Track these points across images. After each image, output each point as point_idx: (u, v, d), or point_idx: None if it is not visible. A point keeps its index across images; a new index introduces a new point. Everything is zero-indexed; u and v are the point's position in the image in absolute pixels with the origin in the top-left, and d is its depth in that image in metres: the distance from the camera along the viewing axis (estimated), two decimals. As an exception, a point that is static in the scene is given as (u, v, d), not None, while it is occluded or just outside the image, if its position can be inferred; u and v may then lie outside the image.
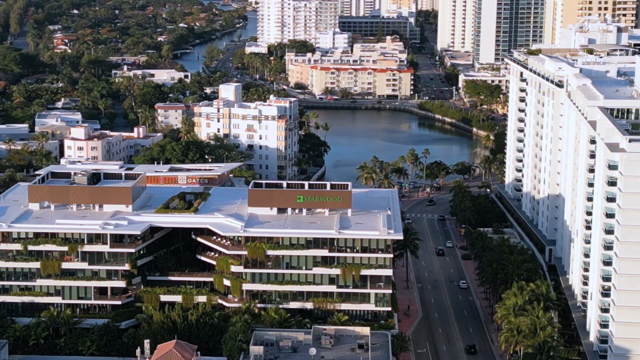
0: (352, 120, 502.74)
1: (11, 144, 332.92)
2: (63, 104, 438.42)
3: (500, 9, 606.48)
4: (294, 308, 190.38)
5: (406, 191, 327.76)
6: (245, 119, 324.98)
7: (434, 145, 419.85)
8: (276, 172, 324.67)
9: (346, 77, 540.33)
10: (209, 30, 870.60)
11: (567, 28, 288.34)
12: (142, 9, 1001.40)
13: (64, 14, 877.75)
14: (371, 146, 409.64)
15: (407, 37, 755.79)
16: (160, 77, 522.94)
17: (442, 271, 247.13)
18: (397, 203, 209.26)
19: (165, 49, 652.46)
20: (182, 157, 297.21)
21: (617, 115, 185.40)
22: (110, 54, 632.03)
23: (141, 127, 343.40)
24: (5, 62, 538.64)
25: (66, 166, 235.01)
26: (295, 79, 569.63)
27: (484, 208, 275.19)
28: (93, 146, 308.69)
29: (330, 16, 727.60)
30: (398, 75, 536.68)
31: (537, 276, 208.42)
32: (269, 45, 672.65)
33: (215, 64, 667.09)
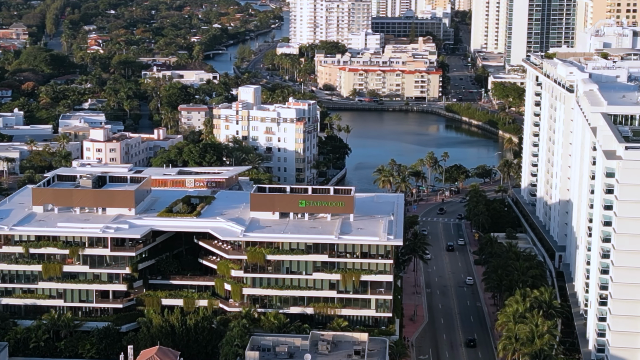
0: (378, 122, 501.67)
1: (32, 145, 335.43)
2: (90, 105, 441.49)
3: (532, 10, 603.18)
4: (295, 313, 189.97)
5: (424, 194, 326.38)
6: (263, 121, 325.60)
7: (458, 148, 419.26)
8: (294, 174, 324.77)
9: (374, 78, 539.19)
10: (243, 30, 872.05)
11: (584, 32, 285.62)
12: (179, 10, 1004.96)
13: (99, 15, 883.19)
14: (395, 148, 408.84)
15: (440, 38, 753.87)
16: (189, 78, 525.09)
17: (453, 276, 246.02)
18: (401, 208, 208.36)
19: (196, 50, 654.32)
20: (199, 160, 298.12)
21: (621, 121, 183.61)
22: (142, 55, 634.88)
23: (161, 129, 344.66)
24: (36, 63, 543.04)
25: (75, 169, 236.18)
26: (324, 80, 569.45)
27: (498, 213, 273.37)
28: (111, 148, 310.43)
29: (362, 17, 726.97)
30: (427, 77, 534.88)
31: (543, 283, 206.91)
32: (300, 46, 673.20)
33: (247, 65, 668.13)
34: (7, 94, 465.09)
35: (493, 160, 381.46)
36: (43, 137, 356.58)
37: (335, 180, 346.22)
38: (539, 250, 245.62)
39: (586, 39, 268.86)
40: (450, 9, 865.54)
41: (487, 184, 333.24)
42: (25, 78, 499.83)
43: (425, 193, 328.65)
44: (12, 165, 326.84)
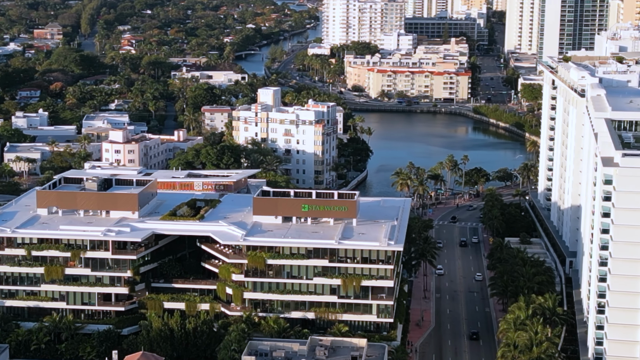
0: (406, 123, 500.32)
1: (54, 146, 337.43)
2: (116, 106, 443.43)
3: (564, 11, 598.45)
4: (296, 318, 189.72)
5: (444, 197, 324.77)
6: (282, 123, 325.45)
7: (484, 151, 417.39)
8: (313, 177, 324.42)
9: (403, 79, 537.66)
10: (277, 31, 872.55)
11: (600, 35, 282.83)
12: (215, 10, 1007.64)
13: (134, 15, 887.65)
14: (420, 150, 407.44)
15: (474, 39, 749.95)
16: (217, 79, 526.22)
17: (464, 281, 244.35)
18: (406, 213, 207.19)
19: (226, 51, 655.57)
20: (216, 162, 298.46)
21: (625, 127, 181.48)
22: (173, 55, 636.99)
23: (181, 131, 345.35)
24: (66, 63, 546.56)
25: (85, 171, 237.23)
26: (353, 81, 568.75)
27: (513, 217, 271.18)
28: (130, 149, 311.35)
29: (395, 17, 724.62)
30: (455, 78, 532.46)
31: (549, 289, 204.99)
32: (331, 46, 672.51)
33: (278, 66, 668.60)
34: (35, 94, 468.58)
35: (517, 163, 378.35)
36: (66, 138, 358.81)
37: (355, 182, 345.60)
38: (551, 255, 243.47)
39: (602, 42, 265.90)
40: (486, 9, 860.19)
41: (508, 188, 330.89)
42: (55, 78, 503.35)
43: (444, 196, 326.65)
44: (33, 166, 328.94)
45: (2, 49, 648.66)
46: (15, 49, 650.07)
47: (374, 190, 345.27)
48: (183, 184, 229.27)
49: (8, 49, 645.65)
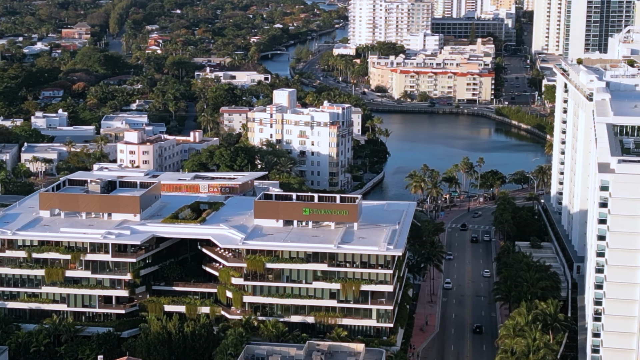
0: (428, 124, 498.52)
1: (71, 146, 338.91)
2: (137, 106, 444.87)
3: (590, 12, 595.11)
4: (296, 322, 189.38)
5: (459, 200, 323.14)
6: (297, 125, 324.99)
7: (504, 153, 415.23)
8: (327, 179, 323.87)
9: (426, 80, 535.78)
10: (305, 30, 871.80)
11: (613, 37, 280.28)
12: (245, 9, 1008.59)
13: (163, 14, 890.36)
14: (439, 152, 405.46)
15: (501, 39, 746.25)
16: (240, 79, 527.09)
17: (472, 285, 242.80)
18: (410, 217, 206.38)
19: (251, 51, 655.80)
20: (230, 163, 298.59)
21: (627, 132, 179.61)
22: (198, 55, 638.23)
23: (197, 132, 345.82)
24: (90, 63, 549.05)
25: (92, 172, 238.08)
26: (377, 82, 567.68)
27: (524, 221, 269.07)
28: (144, 150, 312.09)
29: (422, 18, 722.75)
30: (478, 79, 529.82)
31: (554, 295, 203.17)
32: (357, 47, 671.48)
33: (303, 66, 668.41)
34: (58, 94, 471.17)
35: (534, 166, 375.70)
36: (84, 139, 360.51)
37: (371, 184, 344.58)
38: (560, 260, 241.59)
39: (615, 45, 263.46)
40: (515, 10, 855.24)
41: (524, 191, 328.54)
42: (78, 78, 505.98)
43: (459, 199, 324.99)
44: (50, 167, 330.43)
45: (29, 48, 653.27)
46: (42, 48, 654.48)
47: (390, 192, 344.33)
48: (189, 186, 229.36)
49: (35, 49, 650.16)
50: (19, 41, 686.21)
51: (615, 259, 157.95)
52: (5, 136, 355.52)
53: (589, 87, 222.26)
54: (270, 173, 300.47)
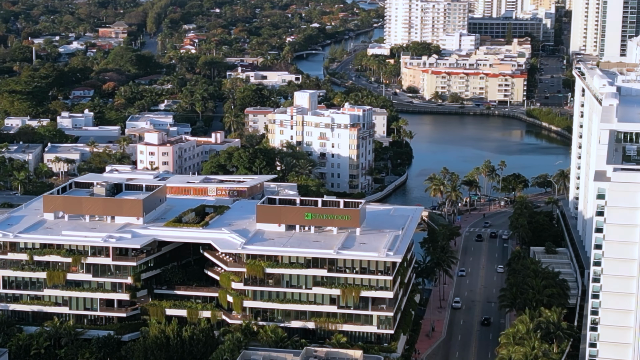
0: (458, 126, 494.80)
1: (93, 147, 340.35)
2: (165, 106, 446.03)
3: (627, 12, 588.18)
4: (297, 327, 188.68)
5: (480, 204, 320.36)
6: (317, 126, 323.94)
7: (531, 155, 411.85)
8: (347, 181, 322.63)
9: (457, 81, 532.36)
10: (342, 30, 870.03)
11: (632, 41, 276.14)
12: (284, 8, 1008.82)
13: (201, 14, 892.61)
14: (466, 154, 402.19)
15: (539, 39, 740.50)
16: (271, 80, 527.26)
17: (484, 291, 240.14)
18: (415, 222, 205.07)
19: (285, 50, 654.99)
20: (248, 165, 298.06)
21: (631, 139, 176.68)
22: (232, 55, 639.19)
23: (219, 133, 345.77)
24: (122, 63, 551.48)
25: (102, 175, 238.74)
26: (408, 83, 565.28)
27: (541, 226, 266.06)
28: (164, 152, 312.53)
29: (459, 17, 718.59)
30: (510, 80, 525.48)
31: (561, 302, 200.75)
32: (391, 47, 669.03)
33: (337, 66, 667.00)
34: (88, 94, 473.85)
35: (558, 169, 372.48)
36: (108, 139, 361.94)
37: (393, 187, 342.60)
38: (573, 266, 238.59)
39: (633, 48, 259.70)
40: (555, 9, 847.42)
41: (547, 194, 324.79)
42: (110, 78, 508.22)
43: (480, 202, 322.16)
44: (73, 167, 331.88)
45: (64, 47, 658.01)
46: (78, 47, 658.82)
47: (413, 195, 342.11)
48: (197, 189, 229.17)
49: (70, 48, 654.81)
50: (55, 40, 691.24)
51: (611, 269, 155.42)
52: (30, 136, 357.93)
53: (601, 91, 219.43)
54: (289, 175, 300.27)
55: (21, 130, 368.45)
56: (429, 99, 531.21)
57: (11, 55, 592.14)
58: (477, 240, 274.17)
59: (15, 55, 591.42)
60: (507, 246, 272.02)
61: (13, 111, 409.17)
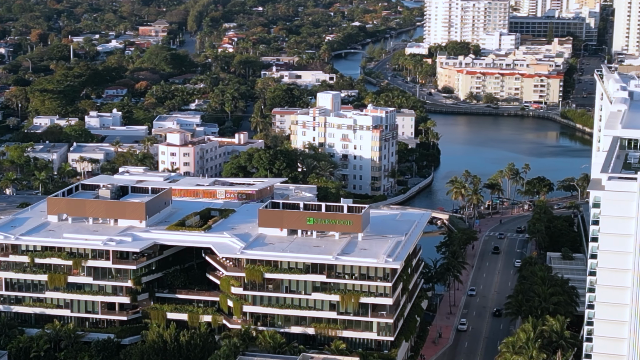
0: (491, 127, 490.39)
1: (118, 147, 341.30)
2: (196, 106, 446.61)
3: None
4: (297, 333, 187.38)
5: (502, 207, 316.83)
6: (340, 128, 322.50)
7: (562, 158, 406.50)
8: (369, 183, 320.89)
9: (492, 81, 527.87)
10: (383, 29, 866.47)
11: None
12: (327, 7, 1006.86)
13: (243, 12, 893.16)
14: (496, 156, 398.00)
15: (581, 39, 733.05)
16: (305, 79, 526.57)
17: (496, 297, 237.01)
18: (420, 228, 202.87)
19: (322, 49, 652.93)
20: (268, 166, 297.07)
21: (635, 146, 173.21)
22: (270, 54, 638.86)
23: (242, 133, 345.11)
24: (157, 62, 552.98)
25: (112, 177, 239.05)
26: (444, 83, 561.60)
27: (559, 231, 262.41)
28: (185, 152, 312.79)
29: (499, 16, 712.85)
30: (546, 81, 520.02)
31: (568, 310, 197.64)
32: (429, 46, 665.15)
33: (374, 65, 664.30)
34: (121, 93, 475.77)
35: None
36: (135, 139, 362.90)
37: (417, 189, 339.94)
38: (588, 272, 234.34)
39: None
40: (599, 8, 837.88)
41: (573, 198, 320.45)
42: (144, 77, 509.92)
43: (504, 206, 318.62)
44: (97, 167, 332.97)
45: (103, 46, 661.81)
46: (116, 46, 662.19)
47: (437, 197, 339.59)
48: (206, 192, 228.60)
49: (109, 47, 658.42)
50: (94, 39, 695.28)
51: (605, 279, 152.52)
52: (57, 135, 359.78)
53: (614, 95, 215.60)
54: (309, 177, 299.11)
55: (48, 129, 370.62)
56: (464, 100, 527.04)
57: (49, 54, 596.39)
58: (494, 253, 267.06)
59: (53, 53, 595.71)
60: (526, 251, 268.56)
61: (43, 110, 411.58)
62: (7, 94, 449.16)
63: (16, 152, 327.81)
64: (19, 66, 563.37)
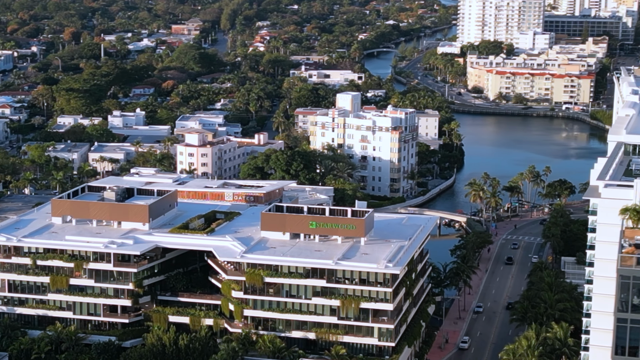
0: (519, 128, 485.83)
1: (138, 147, 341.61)
2: (221, 105, 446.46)
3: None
4: (298, 337, 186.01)
5: (523, 210, 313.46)
6: (359, 129, 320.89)
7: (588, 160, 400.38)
8: (388, 185, 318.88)
9: (522, 82, 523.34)
10: (418, 27, 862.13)
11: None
12: (363, 5, 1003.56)
13: (277, 10, 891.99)
14: (522, 157, 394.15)
15: (618, 38, 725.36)
16: (334, 79, 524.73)
17: (508, 301, 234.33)
18: (424, 233, 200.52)
19: (353, 48, 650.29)
20: (285, 168, 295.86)
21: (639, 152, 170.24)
22: (300, 53, 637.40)
23: (262, 134, 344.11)
24: (185, 61, 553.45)
25: (122, 179, 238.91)
26: (474, 82, 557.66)
27: (575, 235, 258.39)
28: (203, 153, 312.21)
29: (534, 15, 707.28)
30: (577, 81, 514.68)
31: (575, 317, 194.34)
32: (462, 45, 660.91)
33: (405, 64, 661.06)
34: (148, 92, 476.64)
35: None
36: (156, 138, 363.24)
37: (437, 191, 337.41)
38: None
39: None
40: (637, 7, 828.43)
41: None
42: (171, 76, 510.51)
43: (524, 209, 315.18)
44: (117, 166, 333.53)
45: (134, 44, 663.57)
46: (147, 45, 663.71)
47: (459, 199, 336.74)
48: (214, 194, 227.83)
49: (140, 45, 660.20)
50: (126, 37, 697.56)
51: (600, 287, 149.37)
52: (78, 135, 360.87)
53: (625, 99, 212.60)
54: (326, 178, 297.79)
55: (71, 129, 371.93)
56: (493, 100, 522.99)
57: (80, 52, 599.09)
58: (507, 264, 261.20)
59: (84, 52, 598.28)
60: (542, 255, 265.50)
61: (68, 109, 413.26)
62: (34, 92, 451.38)
63: (37, 151, 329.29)
64: (50, 65, 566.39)
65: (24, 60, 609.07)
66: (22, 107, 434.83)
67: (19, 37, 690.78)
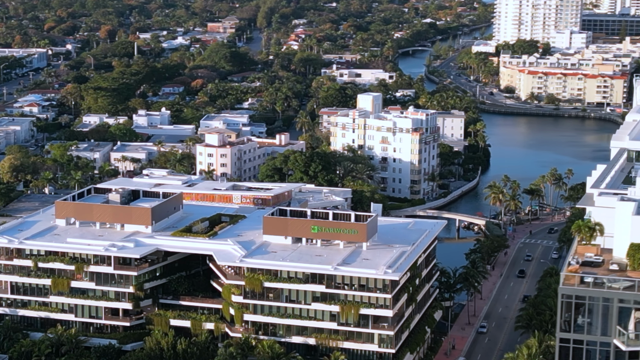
0: (550, 129, 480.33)
1: (160, 146, 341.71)
2: (249, 104, 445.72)
3: None
4: (298, 343, 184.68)
5: (544, 213, 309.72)
6: (379, 130, 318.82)
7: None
8: (409, 187, 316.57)
9: (554, 82, 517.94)
10: (455, 25, 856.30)
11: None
12: (402, 3, 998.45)
13: (314, 8, 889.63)
14: (550, 159, 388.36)
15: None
16: (365, 78, 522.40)
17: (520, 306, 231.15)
18: (429, 238, 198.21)
19: (386, 47, 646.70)
20: (304, 169, 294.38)
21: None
22: (334, 51, 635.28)
23: (283, 134, 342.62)
24: (216, 60, 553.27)
25: (132, 180, 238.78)
26: (506, 82, 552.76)
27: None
28: (222, 153, 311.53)
29: (571, 14, 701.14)
30: (610, 81, 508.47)
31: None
32: (497, 44, 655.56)
33: (440, 63, 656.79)
34: (177, 91, 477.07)
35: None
36: (180, 138, 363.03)
37: (459, 193, 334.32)
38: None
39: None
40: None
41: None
42: (202, 75, 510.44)
43: (546, 211, 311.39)
44: (138, 166, 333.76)
45: (169, 42, 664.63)
46: (181, 43, 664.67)
47: (482, 201, 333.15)
48: (222, 196, 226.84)
49: (174, 43, 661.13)
50: (161, 35, 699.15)
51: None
52: (102, 134, 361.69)
53: (635, 103, 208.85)
54: (345, 180, 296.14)
55: (95, 128, 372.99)
56: (525, 100, 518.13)
57: (113, 51, 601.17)
58: (519, 277, 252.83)
59: (117, 50, 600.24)
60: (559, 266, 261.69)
61: (95, 108, 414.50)
62: (63, 91, 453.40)
63: (59, 150, 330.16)
64: (82, 63, 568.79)
65: (58, 59, 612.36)
66: (50, 105, 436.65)
67: (55, 34, 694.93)
